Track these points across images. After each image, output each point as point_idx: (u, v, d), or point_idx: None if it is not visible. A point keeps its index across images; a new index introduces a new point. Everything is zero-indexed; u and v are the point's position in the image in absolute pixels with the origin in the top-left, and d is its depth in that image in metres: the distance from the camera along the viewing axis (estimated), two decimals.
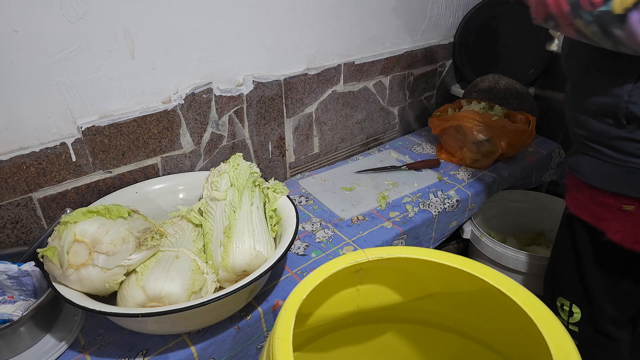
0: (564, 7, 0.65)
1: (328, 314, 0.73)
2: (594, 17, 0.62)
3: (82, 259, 0.73)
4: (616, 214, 0.73)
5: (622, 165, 0.71)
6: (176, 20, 0.97)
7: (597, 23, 0.62)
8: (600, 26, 0.62)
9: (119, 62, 0.94)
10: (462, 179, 1.37)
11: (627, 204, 0.71)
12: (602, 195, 0.74)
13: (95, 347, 0.80)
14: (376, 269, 0.71)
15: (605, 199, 0.73)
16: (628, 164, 0.70)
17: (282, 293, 0.92)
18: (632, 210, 0.71)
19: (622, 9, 0.58)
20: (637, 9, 0.57)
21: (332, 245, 1.07)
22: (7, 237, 0.91)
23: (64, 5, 0.83)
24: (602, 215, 0.75)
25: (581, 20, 0.64)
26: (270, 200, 0.97)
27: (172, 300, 0.75)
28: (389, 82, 1.52)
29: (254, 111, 1.19)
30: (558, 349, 0.52)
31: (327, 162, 1.49)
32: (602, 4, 0.60)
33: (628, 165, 0.70)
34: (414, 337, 0.83)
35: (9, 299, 0.81)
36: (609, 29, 0.61)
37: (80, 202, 0.98)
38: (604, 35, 0.63)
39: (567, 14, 0.65)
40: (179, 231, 0.94)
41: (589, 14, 0.62)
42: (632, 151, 0.70)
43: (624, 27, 0.59)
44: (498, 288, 0.61)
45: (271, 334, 0.57)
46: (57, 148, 0.91)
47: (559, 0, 0.65)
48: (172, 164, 1.10)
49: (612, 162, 0.72)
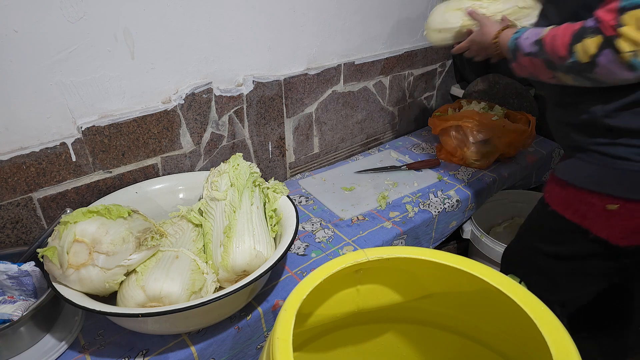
0: (540, 67, 0.74)
1: (328, 314, 0.73)
2: (568, 68, 0.69)
3: (82, 259, 0.73)
4: (600, 213, 0.75)
5: (607, 166, 0.73)
6: (176, 20, 0.97)
7: (572, 72, 0.69)
8: (576, 74, 0.69)
9: (119, 62, 0.94)
10: (462, 179, 1.37)
11: (612, 203, 0.74)
12: (588, 196, 0.76)
13: (95, 347, 0.80)
14: (376, 269, 0.71)
15: (591, 199, 0.76)
16: (613, 165, 0.72)
17: (282, 293, 0.92)
18: (617, 209, 0.73)
19: (588, 58, 0.65)
20: (601, 54, 0.63)
21: (332, 245, 1.07)
22: (7, 237, 0.91)
23: (64, 5, 0.83)
24: (586, 214, 0.77)
25: (558, 72, 0.71)
26: (270, 200, 0.97)
27: (172, 300, 0.75)
28: (389, 82, 1.52)
29: (254, 111, 1.19)
30: (558, 349, 0.52)
31: (327, 162, 1.49)
32: (569, 57, 0.67)
33: (613, 167, 0.72)
34: (414, 337, 0.83)
35: (9, 299, 0.81)
36: (584, 75, 0.68)
37: (80, 202, 0.98)
38: (584, 79, 0.69)
39: (545, 71, 0.73)
40: (179, 231, 0.94)
41: (562, 66, 0.69)
42: (617, 154, 0.72)
43: (596, 70, 0.65)
44: (498, 288, 0.61)
45: (271, 334, 0.57)
46: (57, 148, 0.91)
47: (535, 62, 0.74)
48: (172, 164, 1.10)
49: (598, 164, 0.74)
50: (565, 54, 0.68)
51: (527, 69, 0.78)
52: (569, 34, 0.68)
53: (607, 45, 0.62)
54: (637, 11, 0.59)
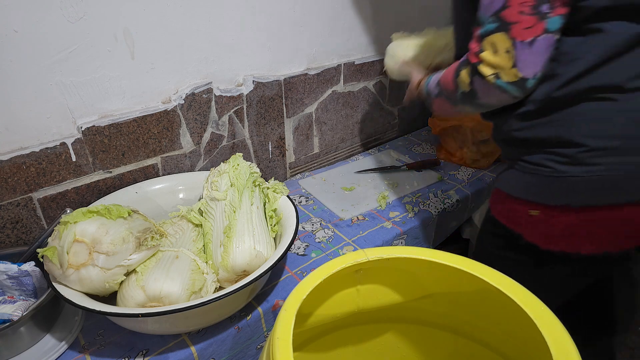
0: (446, 104, 0.80)
1: (328, 314, 0.73)
2: (461, 100, 0.75)
3: (82, 259, 0.73)
4: (526, 219, 0.76)
5: (527, 174, 0.74)
6: (176, 20, 0.97)
7: (465, 102, 0.74)
8: (468, 103, 0.74)
9: (119, 62, 0.94)
10: (462, 179, 1.37)
11: (533, 209, 0.74)
12: (514, 202, 0.77)
13: (95, 347, 0.80)
14: (376, 269, 0.71)
15: (516, 206, 0.77)
16: (531, 171, 0.73)
17: (282, 293, 0.92)
18: (538, 214, 0.74)
19: (467, 87, 0.70)
20: (474, 81, 0.69)
21: (332, 245, 1.07)
22: (7, 237, 0.91)
23: (64, 5, 0.83)
24: (515, 220, 0.79)
25: (457, 105, 0.77)
26: (270, 200, 0.97)
27: (172, 300, 0.75)
28: (389, 82, 1.52)
29: (254, 111, 1.19)
30: (558, 349, 0.52)
31: (327, 162, 1.49)
32: (456, 89, 0.74)
33: (531, 173, 0.74)
34: (414, 337, 0.83)
35: (9, 299, 0.81)
36: (474, 102, 0.73)
37: (80, 202, 0.98)
38: (477, 106, 0.75)
39: (450, 107, 0.80)
40: (179, 231, 0.94)
41: (457, 99, 0.75)
42: (533, 161, 0.73)
43: (478, 96, 0.70)
44: (498, 288, 0.61)
45: (271, 334, 0.57)
46: (57, 148, 0.91)
47: (441, 101, 0.81)
48: (172, 164, 1.10)
49: (522, 171, 0.76)
50: (453, 87, 0.74)
51: (441, 109, 0.84)
52: (452, 69, 0.75)
53: (474, 72, 0.68)
54: (491, 37, 0.64)
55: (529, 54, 0.63)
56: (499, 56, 0.64)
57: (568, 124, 0.69)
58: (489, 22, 0.64)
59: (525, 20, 0.61)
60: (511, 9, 0.61)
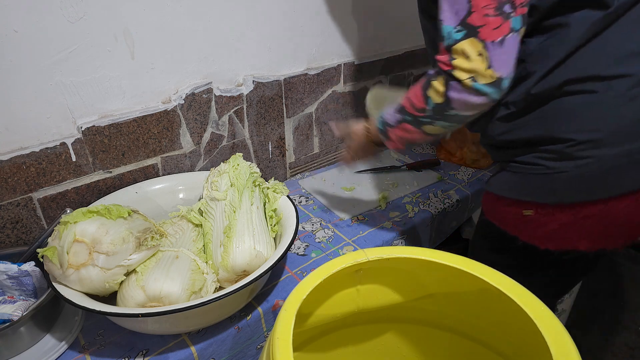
0: (410, 129, 0.77)
1: (328, 314, 0.73)
2: (431, 116, 0.72)
3: (82, 259, 0.73)
4: (519, 220, 0.76)
5: (519, 173, 0.74)
6: (176, 20, 0.97)
7: (436, 118, 0.72)
8: (439, 117, 0.72)
9: (119, 62, 0.94)
10: (462, 179, 1.37)
11: (527, 209, 0.74)
12: (507, 204, 0.77)
13: (95, 347, 0.80)
14: (376, 269, 0.71)
15: (509, 207, 0.77)
16: (523, 171, 0.73)
17: (282, 293, 0.92)
18: (532, 214, 0.74)
19: (441, 97, 0.69)
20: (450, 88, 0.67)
21: (332, 245, 1.07)
22: (7, 237, 0.91)
23: (64, 5, 0.83)
24: (510, 222, 0.79)
25: (426, 125, 0.74)
26: (270, 200, 0.97)
27: (172, 300, 0.75)
28: (389, 82, 1.52)
29: (254, 111, 1.19)
30: (558, 349, 0.52)
31: (327, 162, 1.49)
32: (427, 104, 0.71)
33: (523, 172, 0.73)
34: (414, 337, 0.83)
35: (9, 299, 0.81)
36: (446, 115, 0.70)
37: (80, 202, 0.98)
38: (448, 122, 0.72)
39: (415, 131, 0.77)
40: (179, 231, 0.94)
41: (426, 117, 0.73)
42: (524, 160, 0.73)
43: (452, 105, 0.68)
44: (498, 288, 0.61)
45: (271, 334, 0.57)
46: (57, 148, 0.91)
47: (404, 127, 0.78)
48: (172, 164, 1.10)
49: (514, 172, 0.75)
50: (423, 103, 0.72)
51: (401, 139, 0.81)
52: (419, 87, 0.74)
53: (450, 78, 0.67)
54: (460, 44, 0.64)
55: (501, 53, 0.63)
56: (472, 60, 0.64)
57: (551, 121, 0.69)
58: (456, 32, 0.65)
59: (492, 21, 0.62)
60: (476, 13, 0.62)
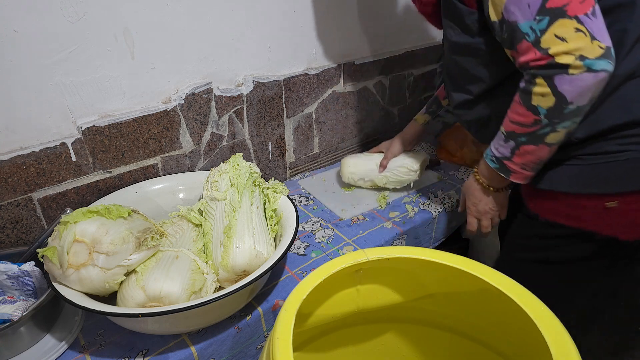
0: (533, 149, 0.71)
1: (328, 314, 0.73)
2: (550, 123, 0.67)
3: (82, 259, 0.73)
4: (600, 213, 0.73)
5: (596, 165, 0.71)
6: (176, 20, 0.97)
7: (557, 121, 0.66)
8: (561, 119, 0.66)
9: (119, 62, 0.94)
10: (462, 179, 1.37)
11: (610, 200, 0.72)
12: (583, 199, 0.74)
13: (95, 347, 0.80)
14: (376, 269, 0.71)
15: (586, 202, 0.74)
16: (602, 161, 0.70)
17: (282, 293, 0.92)
18: (617, 205, 0.71)
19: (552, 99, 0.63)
20: (556, 83, 0.62)
21: (332, 245, 1.07)
22: (7, 237, 0.91)
23: (64, 5, 0.83)
24: (587, 217, 0.75)
25: (548, 135, 0.68)
26: (270, 200, 0.97)
27: (172, 300, 0.75)
28: (389, 82, 1.52)
29: (254, 111, 1.19)
30: (558, 349, 0.52)
31: (327, 162, 1.49)
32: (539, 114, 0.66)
33: (609, 161, 0.70)
34: (414, 337, 0.83)
35: (9, 299, 0.81)
36: (565, 112, 0.65)
37: (80, 202, 0.98)
38: (572, 116, 0.66)
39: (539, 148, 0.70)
40: (179, 231, 0.94)
41: (544, 128, 0.68)
42: (602, 149, 0.70)
43: (569, 99, 0.63)
44: (498, 288, 0.61)
45: (271, 334, 0.57)
46: (57, 148, 0.91)
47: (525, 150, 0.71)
48: (172, 164, 1.10)
49: (587, 163, 0.72)
50: (533, 115, 0.67)
51: (525, 165, 0.74)
52: (518, 104, 0.68)
53: (553, 72, 0.62)
54: (549, 30, 0.60)
55: (598, 22, 0.59)
56: (572, 40, 0.59)
57: (632, 103, 0.66)
58: (538, 21, 0.61)
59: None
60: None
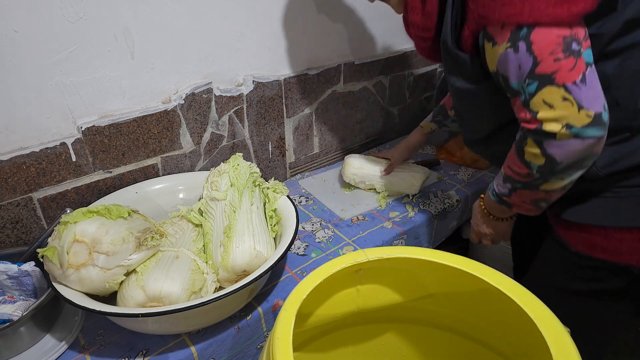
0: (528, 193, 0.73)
1: (328, 314, 0.73)
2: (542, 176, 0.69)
3: (82, 259, 0.73)
4: (636, 247, 0.72)
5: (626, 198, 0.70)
6: (176, 20, 0.97)
7: (550, 176, 0.68)
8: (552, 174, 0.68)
9: (119, 62, 0.94)
10: (462, 179, 1.37)
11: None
12: (617, 233, 0.72)
13: (95, 347, 0.80)
14: (376, 269, 0.71)
15: (622, 235, 0.72)
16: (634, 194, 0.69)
17: (282, 293, 0.92)
18: None
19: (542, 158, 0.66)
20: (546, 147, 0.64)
21: (332, 245, 1.07)
22: (7, 237, 0.91)
23: (64, 5, 0.83)
24: (622, 251, 0.73)
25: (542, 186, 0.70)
26: (270, 200, 0.97)
27: (172, 300, 0.75)
28: (389, 82, 1.52)
29: (254, 111, 1.19)
30: (558, 349, 0.52)
31: (327, 162, 1.49)
32: (531, 169, 0.69)
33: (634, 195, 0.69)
34: (414, 337, 0.83)
35: (9, 299, 0.81)
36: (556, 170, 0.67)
37: (80, 202, 0.98)
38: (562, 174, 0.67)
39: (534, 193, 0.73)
40: (179, 231, 0.94)
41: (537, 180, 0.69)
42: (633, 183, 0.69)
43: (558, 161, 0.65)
44: (498, 288, 0.61)
45: (271, 334, 0.57)
46: (57, 148, 0.91)
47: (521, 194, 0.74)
48: (172, 164, 1.10)
49: (623, 196, 0.71)
50: (526, 169, 0.70)
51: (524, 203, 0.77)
52: (514, 154, 0.71)
53: (541, 137, 0.64)
54: (538, 96, 0.61)
55: (587, 90, 0.59)
56: (559, 108, 0.60)
57: None
58: (527, 85, 0.62)
59: (565, 64, 0.59)
60: (544, 62, 0.59)
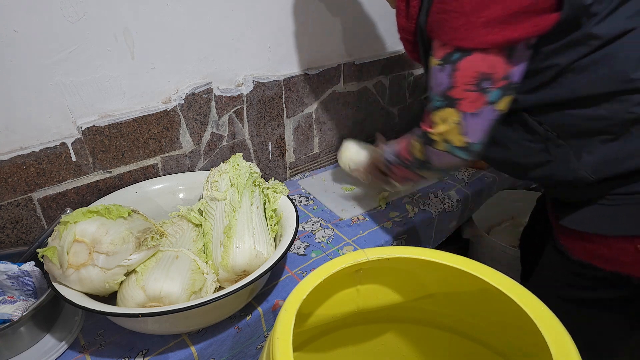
0: (404, 171, 0.91)
1: (328, 314, 0.73)
2: (417, 167, 0.86)
3: (82, 259, 0.73)
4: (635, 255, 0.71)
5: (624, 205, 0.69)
6: (176, 20, 0.97)
7: (422, 168, 0.85)
8: (425, 169, 0.85)
9: (119, 62, 0.94)
10: (462, 179, 1.37)
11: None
12: (615, 242, 0.72)
13: (95, 347, 0.80)
14: (376, 269, 0.71)
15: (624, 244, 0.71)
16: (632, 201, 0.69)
17: (282, 293, 0.92)
18: None
19: (421, 155, 0.81)
20: (426, 149, 0.79)
21: (332, 245, 1.07)
22: (7, 237, 0.91)
23: (63, 5, 0.83)
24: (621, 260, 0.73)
25: (418, 170, 0.87)
26: (270, 200, 0.97)
27: (172, 300, 0.75)
28: (389, 82, 1.52)
29: (254, 111, 1.19)
30: (558, 349, 0.52)
31: (327, 162, 1.49)
32: (411, 156, 0.85)
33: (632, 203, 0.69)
34: (414, 337, 0.83)
35: (9, 299, 0.81)
36: (429, 167, 0.83)
37: (80, 202, 0.98)
38: (431, 172, 0.85)
39: (408, 173, 0.90)
40: (179, 231, 0.94)
41: (413, 166, 0.86)
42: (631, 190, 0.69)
43: (432, 163, 0.81)
44: (498, 288, 0.61)
45: (271, 334, 0.57)
46: (57, 148, 0.91)
47: (401, 170, 0.92)
48: (172, 164, 1.10)
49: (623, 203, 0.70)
50: (409, 155, 0.85)
51: (400, 177, 0.95)
52: (407, 141, 0.86)
53: (426, 141, 0.77)
54: (440, 112, 0.73)
55: (476, 123, 0.70)
56: (448, 126, 0.72)
57: None
58: (437, 100, 0.72)
59: (470, 96, 0.68)
60: (457, 88, 0.69)
